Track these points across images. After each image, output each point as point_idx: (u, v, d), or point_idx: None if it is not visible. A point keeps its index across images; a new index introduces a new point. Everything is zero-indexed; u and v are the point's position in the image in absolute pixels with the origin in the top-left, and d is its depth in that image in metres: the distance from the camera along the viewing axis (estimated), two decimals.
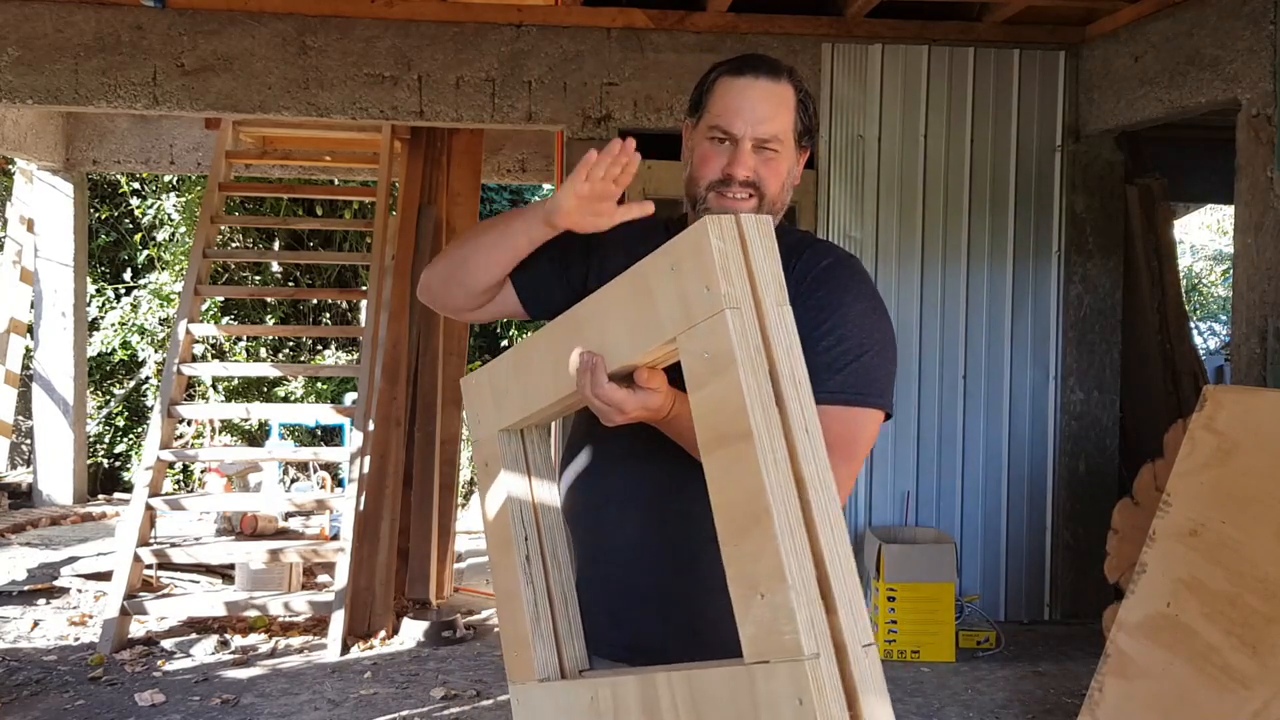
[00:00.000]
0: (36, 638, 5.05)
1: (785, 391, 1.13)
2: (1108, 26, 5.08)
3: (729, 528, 1.14)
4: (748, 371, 1.11)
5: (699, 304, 1.15)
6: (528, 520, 1.52)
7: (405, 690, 4.41)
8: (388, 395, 5.62)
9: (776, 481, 1.08)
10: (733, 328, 1.12)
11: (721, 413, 1.14)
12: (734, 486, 1.13)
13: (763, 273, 1.16)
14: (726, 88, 1.56)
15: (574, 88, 5.11)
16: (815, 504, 1.10)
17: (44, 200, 7.58)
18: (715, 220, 1.14)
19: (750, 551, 1.10)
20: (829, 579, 1.07)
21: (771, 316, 1.15)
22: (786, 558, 1.06)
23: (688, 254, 1.17)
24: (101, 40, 4.90)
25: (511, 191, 12.08)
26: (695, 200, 1.58)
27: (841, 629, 1.05)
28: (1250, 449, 2.80)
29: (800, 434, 1.12)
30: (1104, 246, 5.42)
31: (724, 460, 1.14)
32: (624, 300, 1.28)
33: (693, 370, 1.18)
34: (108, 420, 9.31)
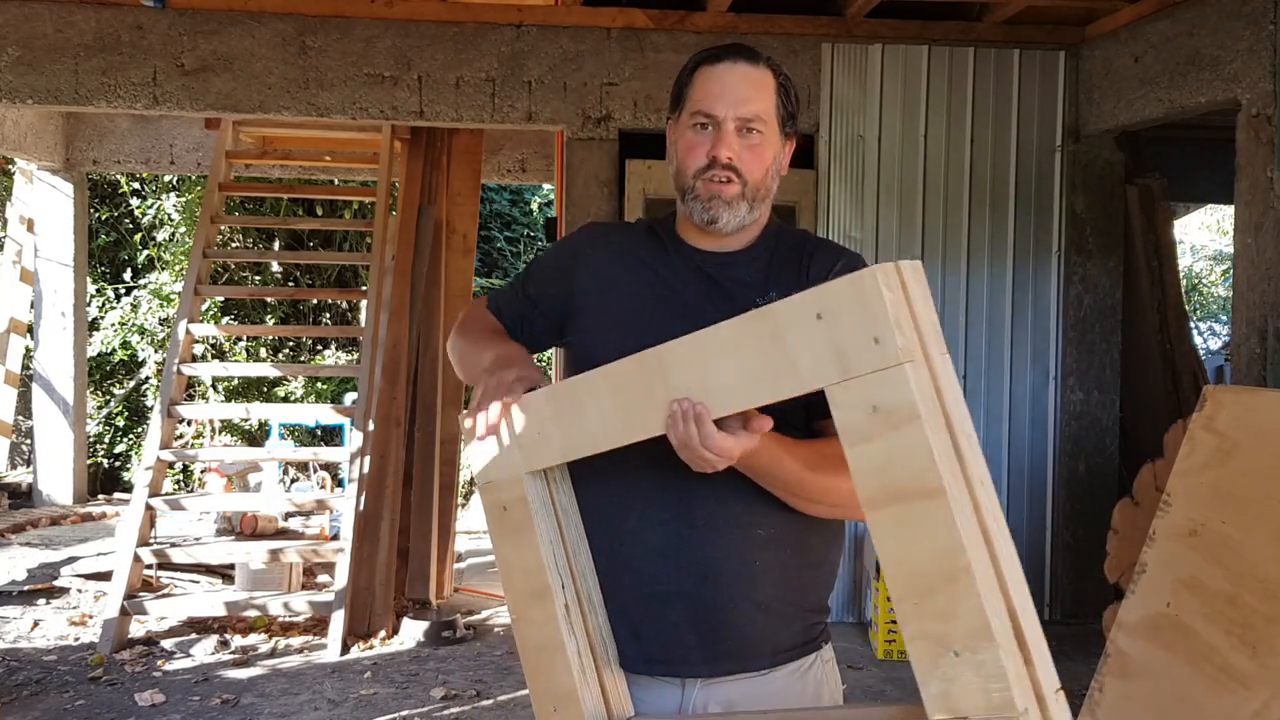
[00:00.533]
0: (36, 638, 5.05)
1: (961, 445, 1.10)
2: (1108, 26, 5.08)
3: (910, 586, 1.11)
4: (932, 427, 1.08)
5: (861, 356, 1.11)
6: (563, 567, 1.47)
7: (405, 690, 4.41)
8: (388, 395, 5.62)
9: (970, 538, 1.06)
10: (913, 382, 1.09)
11: (898, 469, 1.09)
12: (917, 544, 1.09)
13: (925, 322, 1.15)
14: (705, 76, 1.56)
15: (574, 88, 5.10)
16: (1003, 557, 1.08)
17: (44, 200, 7.59)
18: (883, 270, 1.11)
19: (940, 610, 1.08)
20: (1023, 632, 1.07)
21: (939, 367, 1.13)
22: (992, 617, 1.05)
23: (845, 303, 1.12)
24: (101, 40, 4.90)
25: (511, 191, 12.09)
26: (684, 191, 1.58)
27: (1040, 680, 1.07)
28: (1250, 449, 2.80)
29: (979, 488, 1.10)
30: (1104, 246, 5.42)
31: (901, 517, 1.10)
32: (735, 346, 1.23)
33: (852, 425, 1.13)
34: (108, 420, 9.31)
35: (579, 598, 1.48)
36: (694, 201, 1.56)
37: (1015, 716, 1.04)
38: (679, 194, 1.60)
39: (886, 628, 4.77)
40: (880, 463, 1.11)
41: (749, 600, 1.48)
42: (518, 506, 1.48)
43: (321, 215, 9.04)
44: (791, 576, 1.51)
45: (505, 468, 1.49)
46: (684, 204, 1.59)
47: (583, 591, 1.49)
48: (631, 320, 1.55)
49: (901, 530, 1.10)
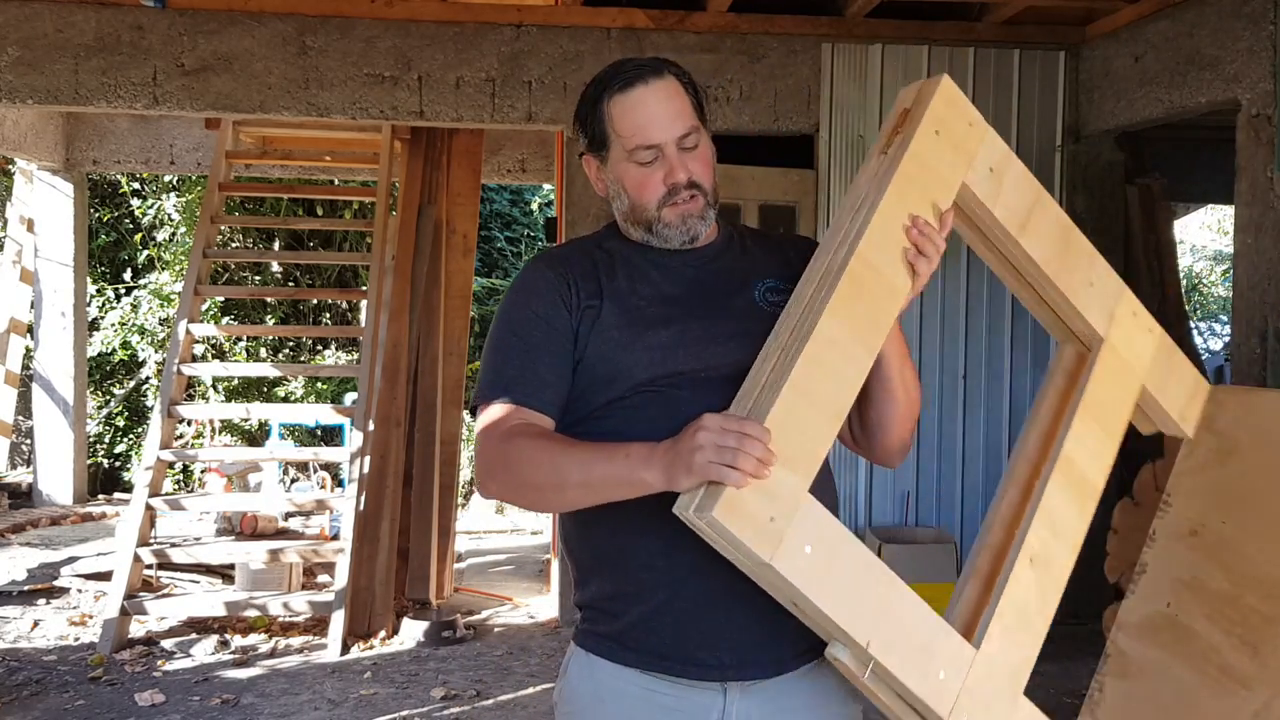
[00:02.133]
0: (36, 638, 5.05)
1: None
2: (1108, 27, 5.08)
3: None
4: (1017, 161, 1.67)
5: (969, 140, 1.58)
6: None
7: (405, 690, 4.41)
8: (388, 395, 5.62)
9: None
10: (998, 139, 1.63)
11: (1017, 199, 1.64)
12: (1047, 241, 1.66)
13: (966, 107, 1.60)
14: (623, 107, 1.56)
15: (574, 88, 5.10)
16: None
17: (44, 200, 7.59)
18: (941, 80, 1.54)
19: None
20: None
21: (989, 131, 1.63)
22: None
23: (946, 113, 1.54)
24: (102, 40, 4.90)
25: (511, 191, 12.09)
26: (650, 224, 1.56)
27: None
28: (1251, 449, 2.80)
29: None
30: (1104, 246, 5.34)
31: (1035, 223, 1.66)
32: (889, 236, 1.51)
33: (984, 193, 1.59)
34: (108, 420, 9.31)
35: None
36: (666, 229, 1.56)
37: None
38: (641, 227, 1.58)
39: None
40: (1009, 204, 1.61)
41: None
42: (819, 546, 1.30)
43: (321, 215, 9.05)
44: None
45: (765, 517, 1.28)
46: (651, 235, 1.58)
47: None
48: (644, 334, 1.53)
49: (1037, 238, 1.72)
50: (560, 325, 1.54)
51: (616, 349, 1.52)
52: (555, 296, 1.55)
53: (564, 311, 1.54)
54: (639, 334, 1.52)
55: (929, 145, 1.49)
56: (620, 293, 1.57)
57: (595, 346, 1.54)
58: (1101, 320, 1.82)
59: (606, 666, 1.54)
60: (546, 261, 1.62)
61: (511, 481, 1.46)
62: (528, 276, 1.62)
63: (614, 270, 1.59)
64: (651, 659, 1.52)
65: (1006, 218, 1.56)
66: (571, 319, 1.54)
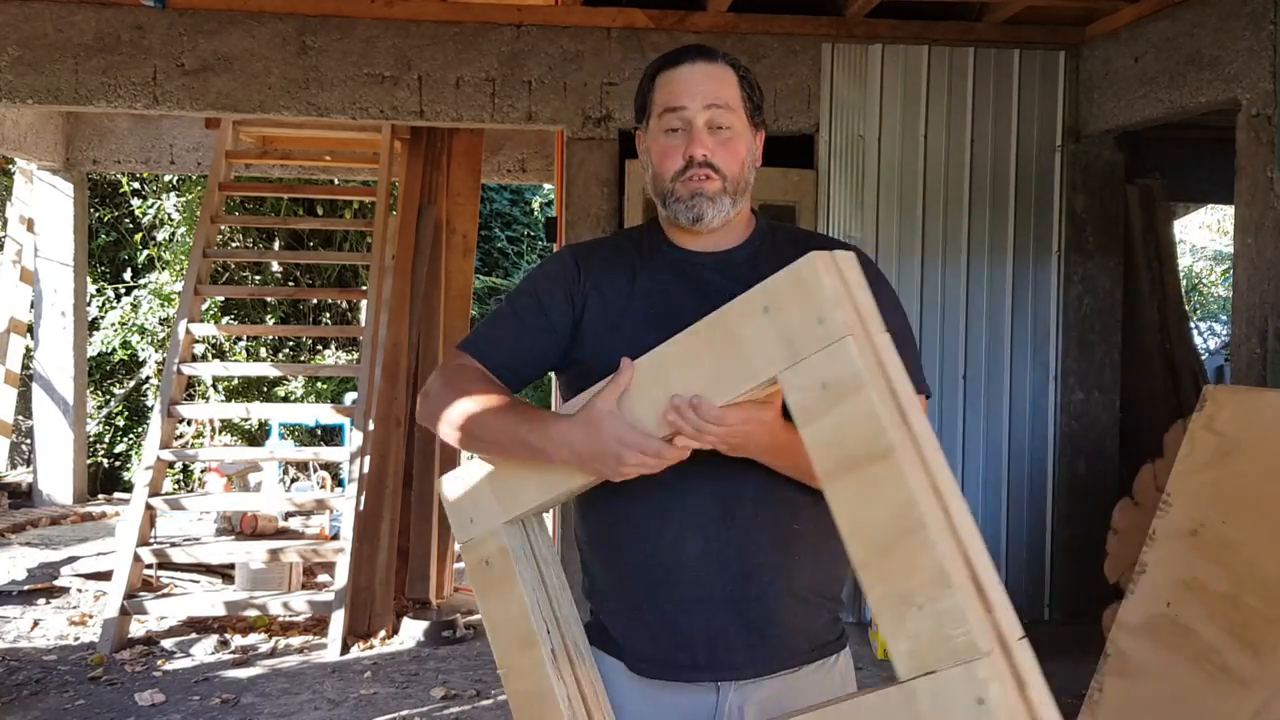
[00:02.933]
0: (36, 637, 5.05)
1: (906, 409, 1.16)
2: (1108, 27, 5.08)
3: (870, 548, 1.14)
4: (877, 393, 1.14)
5: (808, 338, 1.18)
6: (547, 613, 1.50)
7: (405, 690, 4.41)
8: (388, 395, 5.62)
9: (921, 493, 1.11)
10: (855, 352, 1.15)
11: (850, 438, 1.15)
12: (874, 507, 1.14)
13: (863, 304, 1.21)
14: (667, 79, 1.58)
15: (574, 88, 5.10)
16: (954, 511, 1.13)
17: (44, 200, 7.59)
18: (820, 256, 1.19)
19: (899, 566, 1.11)
20: (981, 580, 1.10)
21: (880, 341, 1.19)
22: (947, 565, 1.08)
23: (788, 291, 1.20)
24: (101, 40, 4.90)
25: (512, 191, 12.09)
26: (664, 197, 1.58)
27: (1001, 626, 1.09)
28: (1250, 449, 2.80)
29: (928, 449, 1.15)
30: (1104, 246, 5.42)
31: (857, 484, 1.15)
32: (692, 353, 1.29)
33: (805, 404, 1.19)
34: (108, 420, 9.31)
35: (565, 644, 1.50)
36: (676, 204, 1.56)
37: (978, 658, 1.05)
38: (659, 200, 1.60)
39: None
40: (833, 435, 1.17)
41: (790, 594, 1.51)
42: (499, 558, 1.50)
43: (321, 215, 9.05)
44: (824, 566, 1.54)
45: (483, 523, 1.51)
46: (665, 209, 1.59)
47: (568, 638, 1.50)
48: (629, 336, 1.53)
49: (858, 496, 1.16)
50: (552, 309, 1.59)
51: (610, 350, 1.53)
52: (559, 283, 1.61)
53: (561, 299, 1.59)
54: (630, 336, 1.53)
55: (748, 319, 1.25)
56: (627, 293, 1.59)
57: (594, 344, 1.57)
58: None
59: (605, 658, 1.58)
60: (573, 249, 1.69)
61: (429, 411, 1.56)
62: (549, 259, 1.71)
63: (637, 268, 1.61)
64: (634, 660, 1.55)
65: (817, 454, 1.20)
66: (571, 308, 1.59)
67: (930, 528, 1.09)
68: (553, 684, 1.45)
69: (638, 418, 1.33)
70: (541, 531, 1.54)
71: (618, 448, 1.33)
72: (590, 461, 1.37)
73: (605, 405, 1.36)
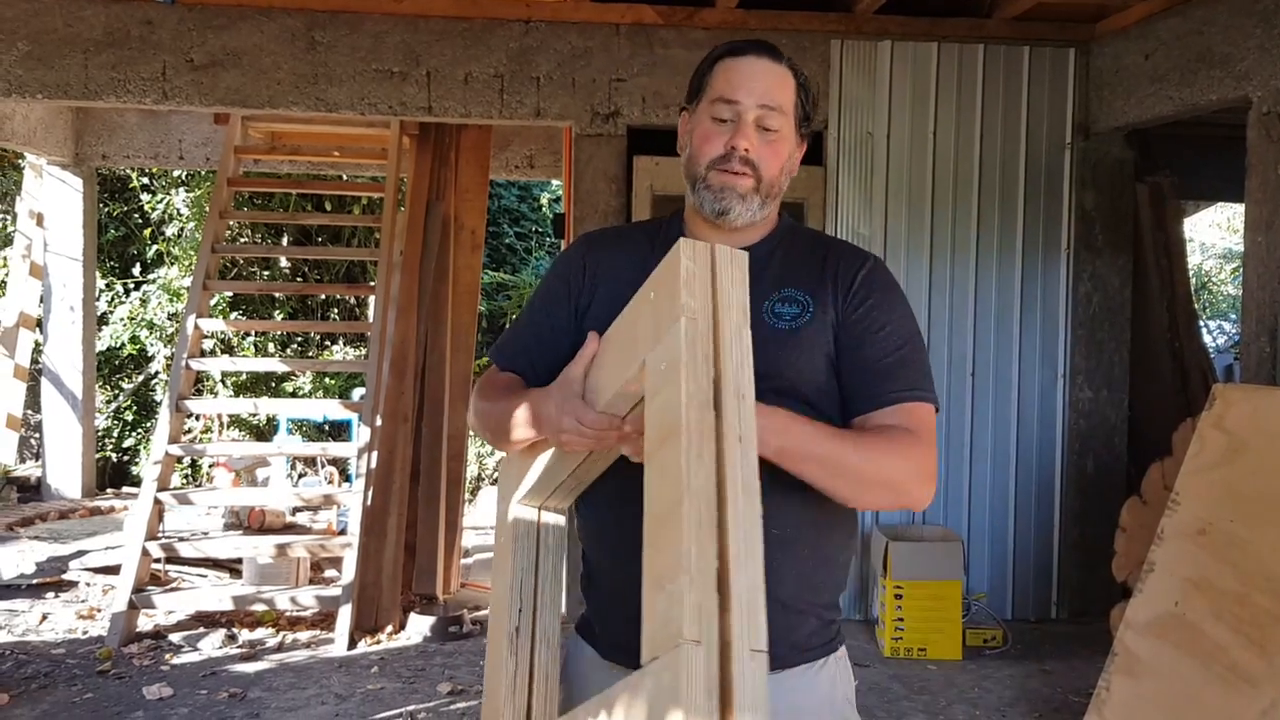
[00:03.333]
0: (45, 631, 5.07)
1: (726, 401, 1.13)
2: (1118, 24, 5.07)
3: (651, 527, 1.13)
4: (689, 375, 1.13)
5: (665, 320, 1.18)
6: (526, 594, 1.54)
7: (412, 685, 4.41)
8: (395, 390, 5.62)
9: (695, 476, 1.08)
10: (684, 334, 1.14)
11: (664, 416, 1.15)
12: (657, 488, 1.13)
13: (728, 295, 1.19)
14: (728, 67, 1.56)
15: (582, 84, 5.10)
16: (733, 506, 1.08)
17: (53, 195, 7.60)
18: (690, 243, 1.18)
19: (659, 548, 1.09)
20: (729, 577, 1.04)
21: (728, 332, 1.17)
22: (688, 547, 1.04)
23: (662, 277, 1.22)
24: (111, 35, 4.91)
25: (520, 187, 12.09)
26: (695, 180, 1.57)
27: (731, 627, 1.01)
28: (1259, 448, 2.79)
29: (732, 441, 1.12)
30: (1113, 244, 5.41)
31: (654, 464, 1.15)
32: (613, 341, 1.34)
33: (651, 384, 1.20)
34: (116, 414, 9.34)
35: (533, 628, 1.53)
36: (705, 191, 1.55)
37: (683, 644, 0.99)
38: (689, 183, 1.59)
39: (893, 625, 4.77)
40: (656, 415, 1.17)
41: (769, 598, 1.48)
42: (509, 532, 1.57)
43: (330, 211, 9.05)
44: (809, 574, 1.52)
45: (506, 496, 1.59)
46: (694, 194, 1.58)
47: (539, 624, 1.53)
48: None
49: (652, 476, 1.15)
50: (560, 307, 1.63)
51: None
52: (564, 276, 1.65)
53: (564, 290, 1.63)
54: None
55: (641, 306, 1.29)
56: (636, 283, 1.57)
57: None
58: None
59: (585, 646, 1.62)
60: (587, 238, 1.72)
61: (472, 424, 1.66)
62: (563, 251, 1.74)
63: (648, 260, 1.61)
64: (608, 648, 1.56)
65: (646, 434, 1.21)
66: (577, 303, 1.62)
67: (685, 515, 1.06)
68: (504, 660, 1.50)
69: (599, 391, 1.35)
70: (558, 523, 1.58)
71: (559, 415, 1.36)
72: (542, 427, 1.42)
73: (571, 373, 1.39)
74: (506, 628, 1.51)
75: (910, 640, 4.77)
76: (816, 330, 1.51)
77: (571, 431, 1.35)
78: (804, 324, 1.51)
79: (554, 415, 1.37)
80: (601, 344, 1.37)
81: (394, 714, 4.11)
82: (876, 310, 1.53)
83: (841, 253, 1.60)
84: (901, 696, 4.32)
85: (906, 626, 4.77)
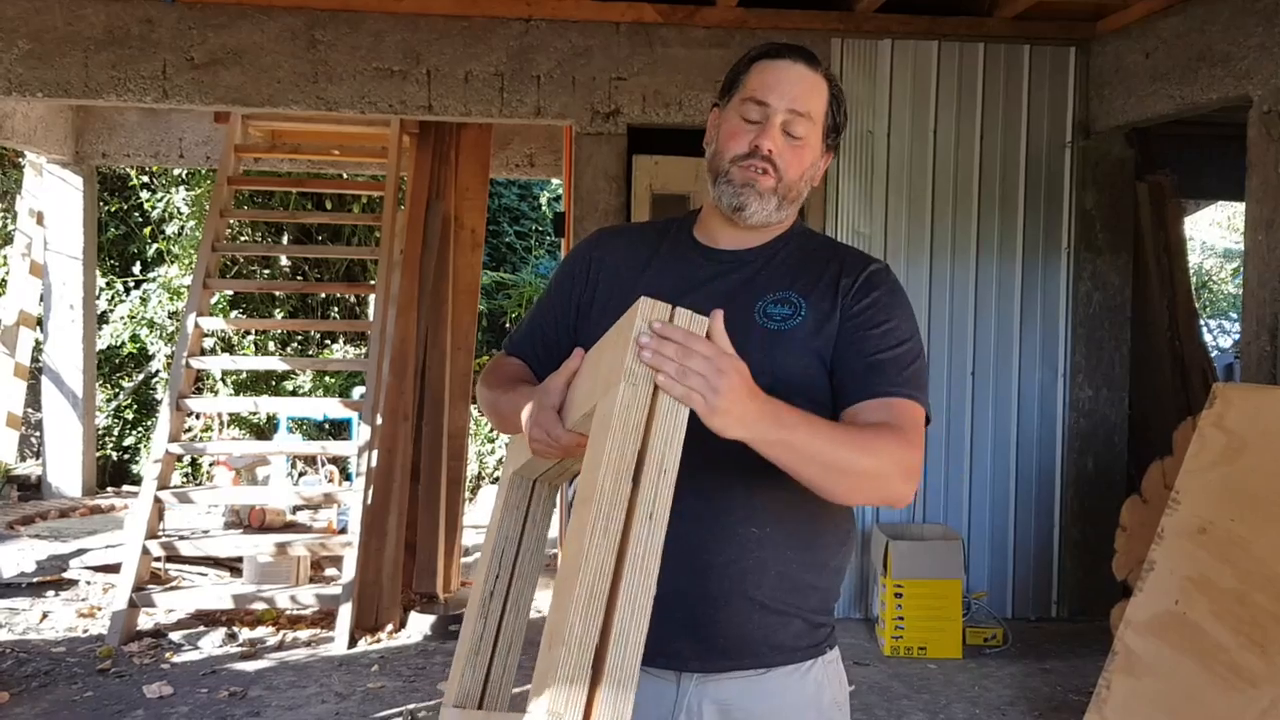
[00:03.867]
0: (45, 629, 5.07)
1: (647, 474, 1.15)
2: (1119, 22, 5.06)
3: (558, 580, 1.18)
4: (617, 441, 1.15)
5: (615, 372, 1.19)
6: (505, 561, 1.58)
7: (412, 684, 4.42)
8: (396, 389, 5.62)
9: (597, 546, 1.11)
10: (621, 399, 1.16)
11: (588, 475, 1.17)
12: (571, 543, 1.17)
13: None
14: (764, 68, 1.57)
15: (583, 82, 5.10)
16: (627, 584, 1.10)
17: (54, 193, 7.60)
18: (650, 303, 1.19)
19: (558, 605, 1.14)
20: (606, 655, 1.08)
21: (666, 405, 1.18)
22: (575, 623, 1.08)
23: (624, 326, 1.23)
24: (111, 34, 4.91)
25: (520, 186, 12.08)
26: (717, 174, 1.58)
27: (599, 702, 1.06)
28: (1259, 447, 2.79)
29: (643, 517, 1.13)
30: (1114, 243, 5.40)
31: (577, 519, 1.18)
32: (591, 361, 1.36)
33: (592, 434, 1.23)
34: (117, 413, 9.34)
35: (507, 593, 1.57)
36: (725, 185, 1.56)
37: (543, 715, 1.05)
38: (710, 176, 1.60)
39: (893, 624, 4.77)
40: (586, 469, 1.20)
41: (744, 597, 1.48)
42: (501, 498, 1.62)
43: (330, 209, 9.05)
44: (793, 575, 1.51)
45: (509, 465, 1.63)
46: (714, 188, 1.59)
47: (514, 591, 1.58)
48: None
49: (572, 528, 1.19)
50: (566, 298, 1.67)
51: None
52: (571, 271, 1.68)
53: (569, 283, 1.67)
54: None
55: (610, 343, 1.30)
56: (637, 281, 1.59)
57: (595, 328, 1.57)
58: None
59: None
60: (596, 234, 1.75)
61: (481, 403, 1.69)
62: (576, 245, 1.76)
63: (653, 258, 1.64)
64: None
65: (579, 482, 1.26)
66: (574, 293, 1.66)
67: (579, 585, 1.09)
68: (474, 619, 1.56)
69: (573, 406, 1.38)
70: (547, 499, 1.63)
71: (530, 422, 1.40)
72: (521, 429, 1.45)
73: (554, 383, 1.41)
74: (480, 592, 1.56)
75: (910, 639, 4.78)
76: (807, 331, 1.51)
77: (540, 441, 1.39)
78: (793, 325, 1.51)
79: (526, 421, 1.41)
80: (584, 361, 1.38)
81: (394, 712, 4.11)
82: (876, 308, 1.53)
83: (848, 258, 1.61)
84: (902, 695, 4.32)
85: (906, 625, 4.77)
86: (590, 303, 1.62)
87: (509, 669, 1.57)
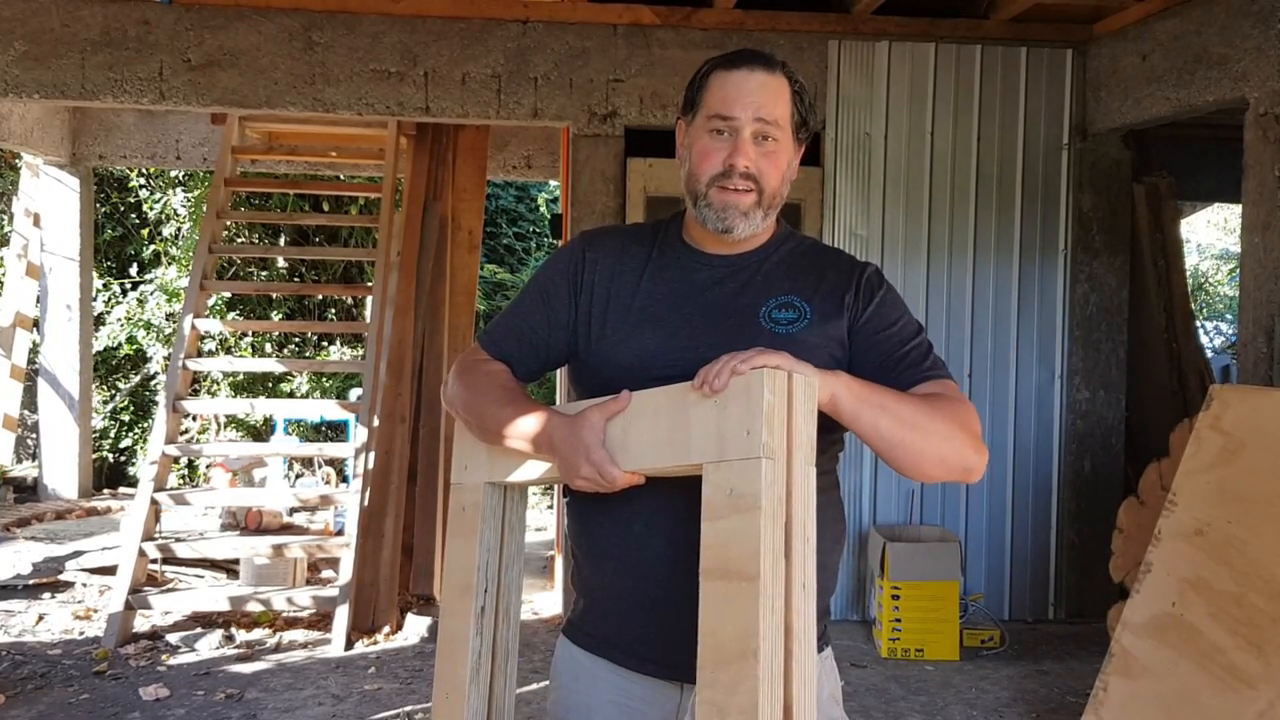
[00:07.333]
0: (41, 631, 5.06)
1: (795, 546, 1.21)
2: (1115, 25, 5.07)
3: (713, 654, 1.21)
4: (768, 521, 1.20)
5: (735, 444, 1.23)
6: (491, 573, 1.60)
7: (409, 686, 4.41)
8: (393, 391, 5.62)
9: (769, 626, 1.17)
10: (764, 476, 1.20)
11: (732, 549, 1.22)
12: (728, 619, 1.20)
13: (800, 433, 1.25)
14: (722, 80, 1.56)
15: (580, 84, 5.10)
16: (797, 655, 1.18)
17: (50, 195, 7.60)
18: (772, 375, 1.23)
19: (728, 682, 1.18)
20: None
21: (799, 474, 1.24)
22: (763, 701, 1.14)
23: (736, 394, 1.26)
24: (108, 35, 4.90)
25: (518, 188, 12.09)
26: (696, 196, 1.58)
27: None
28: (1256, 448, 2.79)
29: (798, 588, 1.20)
30: (1110, 245, 5.41)
31: (724, 591, 1.22)
32: (665, 410, 1.36)
33: (713, 501, 1.26)
34: (113, 415, 9.33)
35: (496, 605, 1.61)
36: (707, 209, 1.56)
37: None
38: (689, 197, 1.60)
39: (890, 626, 4.77)
40: (722, 539, 1.24)
41: None
42: (472, 510, 1.63)
43: (327, 211, 9.05)
44: None
45: (473, 474, 1.64)
46: (695, 209, 1.59)
47: (502, 603, 1.61)
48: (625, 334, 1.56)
49: (720, 604, 1.23)
50: (555, 301, 1.64)
51: (609, 345, 1.57)
52: (565, 272, 1.65)
53: (565, 288, 1.64)
54: (630, 333, 1.56)
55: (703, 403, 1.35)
56: (631, 289, 1.60)
57: (595, 336, 1.59)
58: None
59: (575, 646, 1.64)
60: (585, 236, 1.72)
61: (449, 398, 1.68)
62: (563, 247, 1.75)
63: (646, 264, 1.63)
64: (601, 645, 1.58)
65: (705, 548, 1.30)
66: (575, 301, 1.63)
67: (760, 662, 1.15)
68: (470, 635, 1.57)
69: (614, 442, 1.40)
70: (520, 502, 1.65)
71: (581, 458, 1.40)
72: (558, 457, 1.45)
73: (595, 419, 1.42)
74: (472, 606, 1.58)
75: (907, 641, 4.78)
76: (816, 335, 1.52)
77: (589, 479, 1.41)
78: (801, 328, 1.52)
79: (571, 456, 1.42)
80: (633, 404, 1.40)
81: (391, 714, 4.10)
82: (884, 308, 1.57)
83: (839, 263, 1.64)
84: (899, 697, 4.32)
85: (904, 627, 4.77)
86: (588, 306, 1.62)
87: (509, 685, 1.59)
